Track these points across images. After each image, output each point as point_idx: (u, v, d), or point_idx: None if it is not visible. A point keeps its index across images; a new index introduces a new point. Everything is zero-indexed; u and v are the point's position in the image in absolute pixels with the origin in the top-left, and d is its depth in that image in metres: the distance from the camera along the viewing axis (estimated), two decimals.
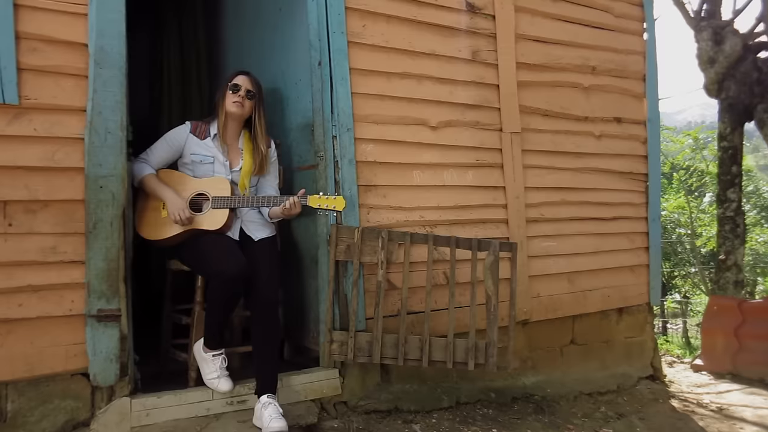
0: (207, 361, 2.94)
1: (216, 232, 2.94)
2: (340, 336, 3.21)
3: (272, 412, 2.73)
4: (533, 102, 4.05)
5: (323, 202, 2.97)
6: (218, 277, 2.81)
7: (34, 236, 2.61)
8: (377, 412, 3.34)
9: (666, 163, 15.24)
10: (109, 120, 2.72)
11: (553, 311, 4.07)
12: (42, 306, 2.61)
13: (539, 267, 4.01)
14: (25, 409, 2.61)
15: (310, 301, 3.43)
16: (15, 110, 2.58)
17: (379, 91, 3.46)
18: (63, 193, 2.66)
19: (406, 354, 3.26)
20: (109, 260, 2.70)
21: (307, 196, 2.98)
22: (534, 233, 4.00)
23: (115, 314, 2.71)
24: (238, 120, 3.11)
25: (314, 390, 3.20)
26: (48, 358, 2.62)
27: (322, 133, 3.29)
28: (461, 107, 3.75)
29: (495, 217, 3.84)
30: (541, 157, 4.08)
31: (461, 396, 3.64)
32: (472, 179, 3.78)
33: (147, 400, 2.81)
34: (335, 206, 2.97)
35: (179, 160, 3.09)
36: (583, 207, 4.25)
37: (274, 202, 2.99)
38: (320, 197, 2.98)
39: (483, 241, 3.40)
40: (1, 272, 2.54)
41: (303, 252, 3.49)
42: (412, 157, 3.56)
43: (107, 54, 2.73)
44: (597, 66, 4.37)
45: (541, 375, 4.06)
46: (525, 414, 3.67)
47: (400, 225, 3.47)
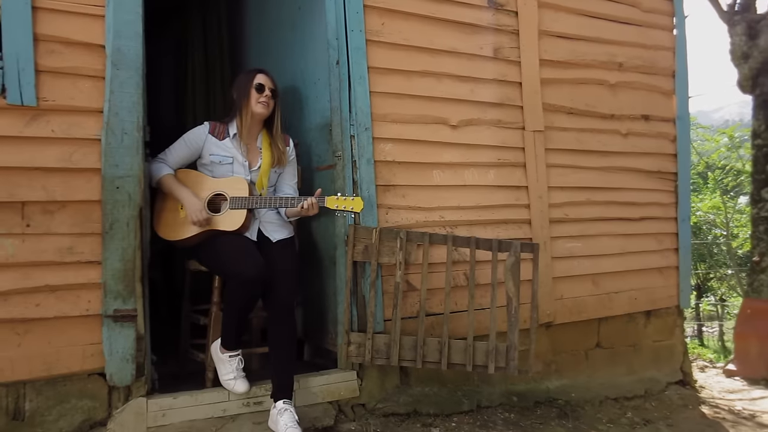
0: (224, 361, 2.93)
1: (234, 233, 2.93)
2: (357, 338, 3.18)
3: (288, 420, 2.70)
4: (557, 100, 3.97)
5: (341, 203, 2.93)
6: (236, 278, 2.79)
7: (52, 237, 2.62)
8: (396, 415, 3.30)
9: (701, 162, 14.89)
10: (125, 121, 2.72)
11: (577, 314, 3.98)
12: (59, 306, 2.63)
13: (563, 268, 3.93)
14: (42, 408, 2.63)
15: (329, 302, 3.40)
16: (33, 112, 2.60)
17: (397, 89, 3.42)
18: (80, 194, 2.67)
19: (424, 356, 3.21)
20: (125, 261, 2.71)
21: (324, 197, 2.95)
22: (558, 234, 3.91)
23: (131, 314, 2.71)
24: (261, 119, 3.09)
25: (331, 392, 3.17)
26: (65, 357, 2.64)
27: (340, 132, 3.26)
28: (482, 105, 3.68)
29: (517, 218, 3.77)
30: (566, 155, 3.99)
31: (482, 399, 3.58)
32: (494, 179, 3.71)
33: (163, 400, 2.81)
34: (353, 207, 2.93)
35: (198, 160, 3.08)
36: (609, 207, 4.15)
37: (291, 203, 2.96)
38: (338, 198, 2.94)
39: (504, 242, 3.33)
40: (18, 272, 2.56)
41: (322, 252, 3.46)
42: (431, 156, 3.51)
43: (124, 55, 2.74)
44: (624, 62, 4.26)
45: (566, 379, 3.97)
46: (548, 419, 3.60)
47: (420, 225, 3.42)
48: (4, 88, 2.54)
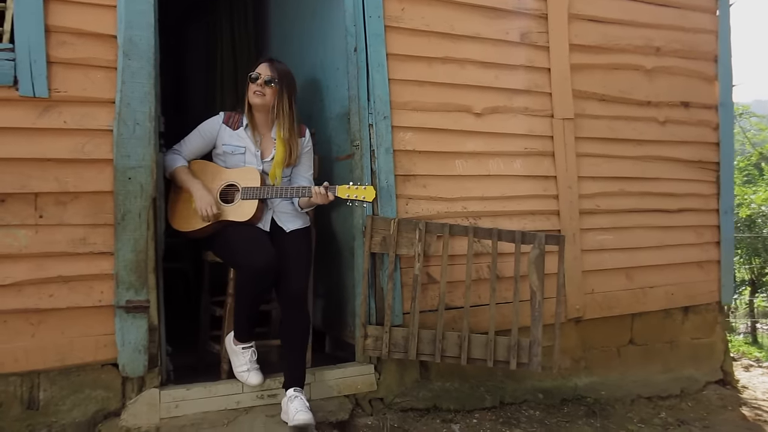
0: (237, 353, 2.91)
1: (245, 224, 2.89)
2: (374, 331, 3.11)
3: (298, 405, 2.66)
4: (588, 86, 3.81)
5: (352, 192, 2.87)
6: (245, 268, 2.76)
7: (65, 228, 2.63)
8: (414, 410, 3.23)
9: (755, 153, 14.28)
10: (137, 111, 2.71)
11: (608, 309, 3.83)
12: (72, 297, 2.64)
13: (594, 261, 3.78)
14: (57, 398, 2.65)
15: (348, 294, 3.35)
16: (45, 103, 2.61)
17: (418, 77, 3.32)
18: (92, 185, 2.67)
19: (443, 351, 3.12)
20: (137, 251, 2.70)
21: (335, 186, 2.89)
22: (588, 226, 3.76)
23: (144, 305, 2.70)
24: (263, 109, 3.01)
25: (348, 385, 3.12)
26: (78, 348, 2.65)
27: (358, 121, 3.19)
28: (508, 92, 3.56)
29: (545, 209, 3.64)
30: (597, 144, 3.83)
31: (506, 396, 3.48)
32: (520, 168, 3.59)
33: (176, 391, 2.80)
34: (365, 197, 2.86)
35: (213, 150, 3.05)
36: (644, 198, 3.97)
37: (302, 193, 2.91)
38: (349, 187, 2.88)
39: (527, 234, 3.21)
40: (32, 263, 2.58)
41: (341, 243, 3.41)
42: (454, 145, 3.41)
43: (136, 45, 2.72)
44: (661, 47, 4.06)
45: (596, 376, 3.82)
46: (575, 417, 3.47)
47: (441, 216, 3.33)
48: (16, 80, 2.55)
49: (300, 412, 2.62)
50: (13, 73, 2.55)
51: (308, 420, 2.60)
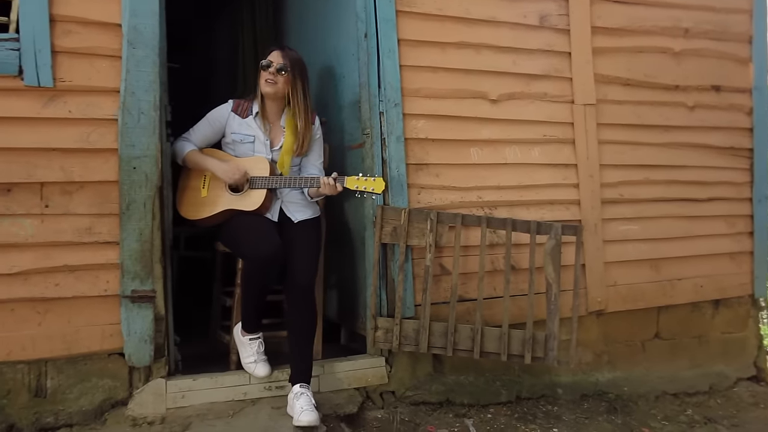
0: (244, 344, 2.88)
1: (253, 213, 2.86)
2: (385, 323, 3.05)
3: (304, 403, 2.61)
4: (612, 70, 3.66)
5: (361, 183, 2.81)
6: (250, 258, 2.73)
7: (70, 217, 2.63)
8: (427, 404, 3.17)
9: None
10: (142, 100, 2.69)
11: (632, 301, 3.69)
12: (78, 286, 2.64)
13: (617, 252, 3.64)
14: (64, 386, 2.66)
15: (360, 285, 3.29)
16: (50, 93, 2.60)
17: (431, 62, 3.23)
18: (98, 175, 2.66)
19: (455, 344, 3.05)
20: (142, 241, 2.69)
21: (344, 177, 2.83)
22: (611, 215, 3.63)
23: (149, 295, 2.69)
24: (275, 98, 2.96)
25: (358, 378, 3.07)
26: (85, 337, 2.65)
27: (368, 109, 3.12)
28: (526, 78, 3.44)
29: (565, 198, 3.52)
30: (621, 131, 3.68)
31: (522, 390, 3.39)
32: (539, 156, 3.47)
33: (182, 381, 2.79)
34: (374, 188, 2.80)
35: (222, 139, 3.03)
36: (670, 186, 3.81)
37: (311, 183, 2.86)
38: (358, 179, 2.82)
39: (543, 224, 3.11)
40: (38, 252, 2.59)
41: (354, 234, 3.35)
42: (469, 133, 3.31)
43: (141, 33, 2.70)
44: (690, 28, 3.88)
45: (619, 371, 3.70)
46: (595, 413, 3.37)
47: (455, 206, 3.24)
48: (21, 69, 2.55)
49: (305, 412, 2.57)
50: (18, 63, 2.55)
51: (313, 421, 2.55)
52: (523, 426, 3.11)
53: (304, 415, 2.55)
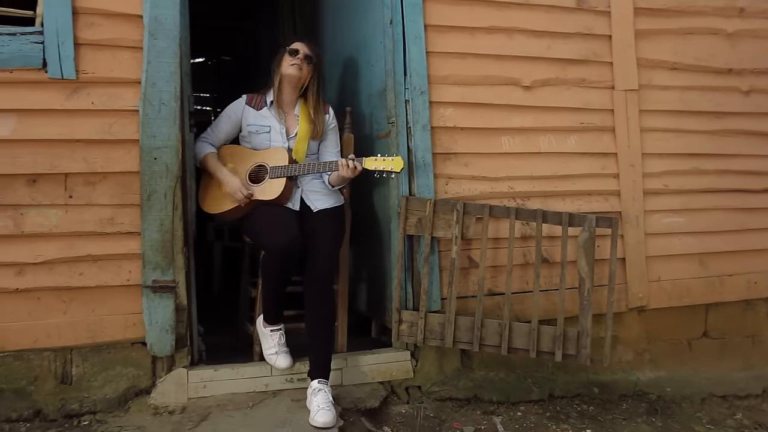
0: (266, 336, 2.87)
1: (274, 203, 2.84)
2: (410, 316, 2.98)
3: (321, 401, 2.57)
4: (656, 54, 3.47)
5: (379, 163, 2.76)
6: (269, 248, 2.71)
7: (93, 207, 2.67)
8: (453, 400, 3.09)
9: None
10: (162, 91, 2.69)
11: (677, 298, 3.49)
12: (101, 275, 2.68)
13: (660, 246, 3.45)
14: (89, 374, 2.71)
15: (388, 277, 3.22)
16: (73, 85, 2.64)
17: (459, 48, 3.13)
18: (120, 165, 2.69)
19: (482, 339, 2.95)
20: (163, 232, 2.70)
21: (362, 158, 2.79)
22: (654, 207, 3.44)
23: (170, 285, 2.71)
24: (295, 84, 2.97)
25: (382, 372, 3.01)
26: (108, 326, 2.69)
27: (394, 97, 3.05)
28: (561, 63, 3.30)
29: (603, 189, 3.36)
30: (666, 118, 3.48)
31: (555, 389, 3.26)
32: (575, 145, 3.32)
33: (204, 372, 2.80)
34: (392, 167, 2.74)
35: (239, 134, 3.05)
36: (721, 177, 3.58)
37: (329, 167, 2.84)
38: (376, 159, 2.77)
39: (576, 215, 2.97)
40: (63, 242, 2.64)
41: (382, 225, 3.29)
42: (500, 121, 3.20)
43: (161, 24, 2.70)
44: (746, 7, 3.64)
45: (662, 371, 3.51)
46: (633, 414, 3.20)
47: (485, 197, 3.14)
48: (45, 62, 2.59)
49: (321, 411, 2.52)
50: (42, 56, 2.59)
51: (328, 422, 2.50)
52: (554, 425, 2.99)
53: (320, 415, 2.51)
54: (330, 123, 3.04)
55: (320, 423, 2.49)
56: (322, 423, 2.49)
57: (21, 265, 2.59)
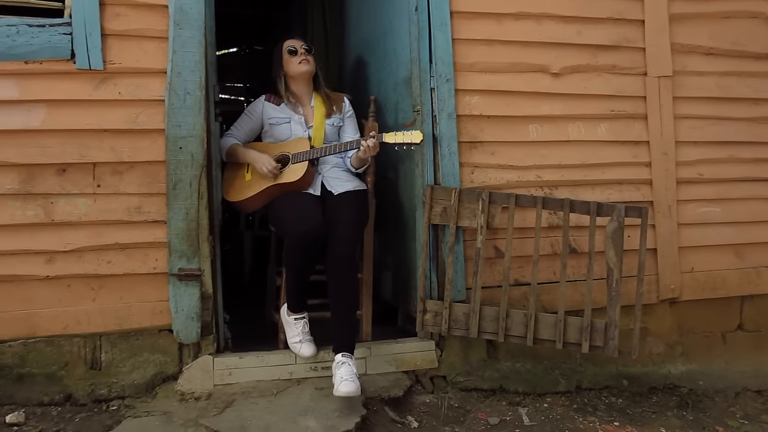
0: (290, 324, 2.89)
1: (296, 188, 2.86)
2: (434, 306, 2.96)
3: (344, 372, 2.57)
4: (692, 38, 3.36)
5: (399, 137, 2.79)
6: (291, 235, 2.73)
7: (121, 196, 2.71)
8: (479, 390, 3.06)
9: None
10: (188, 81, 2.72)
11: (712, 290, 3.41)
12: (129, 263, 2.72)
13: (694, 237, 3.36)
14: (117, 360, 2.76)
15: (413, 266, 3.21)
16: (101, 75, 2.68)
17: (486, 35, 3.08)
18: (146, 155, 2.72)
19: (508, 330, 2.92)
20: (188, 220, 2.73)
21: (382, 134, 2.82)
22: (687, 197, 3.35)
23: (195, 274, 2.74)
24: (308, 78, 3.08)
25: (406, 361, 3.01)
26: (136, 313, 2.74)
27: (419, 85, 3.02)
28: (592, 49, 3.22)
29: (634, 178, 3.28)
30: (701, 105, 3.38)
31: (583, 380, 3.21)
32: (605, 133, 3.25)
33: (229, 359, 2.83)
34: (412, 139, 2.76)
35: (262, 131, 3.12)
36: (760, 165, 3.47)
37: (351, 146, 2.88)
38: (396, 133, 2.81)
39: (604, 205, 2.91)
40: (91, 230, 2.69)
41: (407, 214, 3.27)
42: (527, 109, 3.15)
43: (186, 14, 2.72)
44: None
45: (694, 364, 3.43)
46: (663, 408, 3.14)
47: (511, 186, 3.10)
48: (73, 53, 2.64)
49: (344, 382, 2.53)
50: (70, 47, 2.64)
51: (351, 391, 2.51)
52: (581, 417, 2.95)
53: (343, 385, 2.52)
54: (347, 111, 3.13)
55: (343, 392, 2.50)
56: (345, 392, 2.50)
57: (51, 253, 2.65)
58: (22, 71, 2.60)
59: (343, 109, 3.09)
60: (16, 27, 2.59)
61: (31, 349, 2.67)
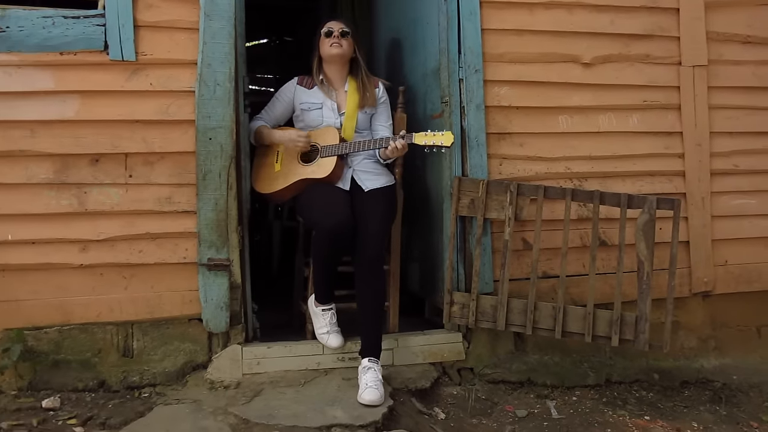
0: (317, 315, 2.90)
1: (325, 183, 2.86)
2: (461, 298, 2.96)
3: (369, 379, 2.59)
4: (728, 27, 3.29)
5: (429, 138, 2.73)
6: (319, 229, 2.74)
7: (152, 187, 2.75)
8: (506, 383, 3.05)
9: None
10: (217, 72, 2.74)
11: (747, 283, 3.35)
12: (159, 253, 2.76)
13: (728, 229, 3.31)
14: (148, 348, 2.81)
15: (440, 258, 3.20)
16: (133, 66, 2.71)
17: (516, 25, 3.05)
18: (177, 146, 2.75)
19: (536, 322, 2.90)
20: (218, 211, 2.75)
21: (412, 134, 2.77)
22: (721, 188, 3.29)
23: (224, 264, 2.77)
24: (340, 61, 3.01)
25: (433, 353, 3.01)
26: (166, 302, 2.78)
27: (447, 76, 3.01)
28: (624, 38, 3.17)
29: (667, 169, 3.23)
30: (737, 94, 3.32)
31: (613, 374, 3.17)
32: (637, 124, 3.20)
33: (257, 349, 2.86)
34: (443, 142, 2.71)
35: (293, 115, 3.09)
36: None
37: (379, 144, 2.84)
38: (426, 134, 2.75)
39: (635, 197, 2.87)
40: (123, 220, 2.73)
41: (434, 205, 3.26)
42: (557, 99, 3.11)
43: (217, 5, 2.74)
44: None
45: (728, 358, 3.38)
46: (696, 402, 3.09)
47: (540, 178, 3.07)
48: (106, 44, 2.67)
49: (368, 390, 2.54)
50: (104, 38, 2.67)
51: (375, 400, 2.52)
52: (610, 411, 2.92)
53: (367, 393, 2.54)
54: (380, 97, 3.06)
55: (366, 401, 2.52)
56: (369, 401, 2.51)
57: (85, 241, 2.70)
58: (57, 62, 2.65)
59: (377, 95, 3.04)
60: (52, 18, 2.64)
61: (66, 335, 2.73)
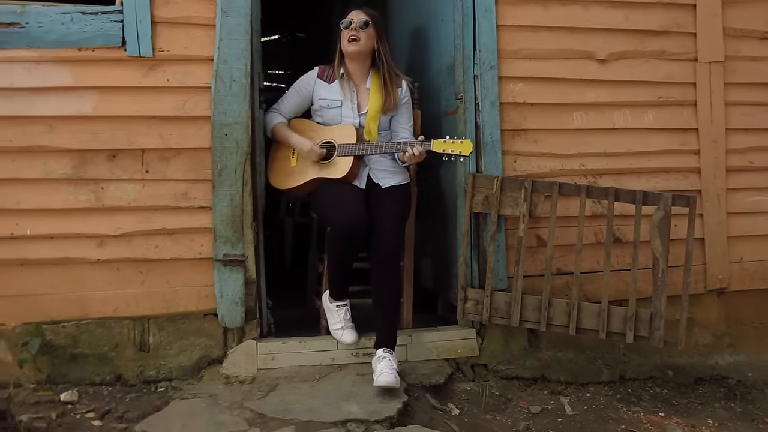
0: (332, 311, 2.91)
1: (341, 181, 2.86)
2: (475, 294, 2.96)
3: (384, 366, 2.60)
4: (745, 22, 3.28)
5: (448, 146, 2.71)
6: (334, 226, 2.74)
7: (168, 182, 2.77)
8: (520, 379, 3.05)
9: None
10: (233, 68, 2.75)
11: (762, 280, 3.34)
12: (175, 249, 2.78)
13: (744, 226, 3.30)
14: (164, 342, 2.83)
15: (453, 254, 3.21)
16: (150, 62, 2.73)
17: (532, 21, 3.05)
18: (193, 141, 2.77)
19: (549, 319, 2.90)
20: (233, 207, 2.77)
21: (431, 141, 2.75)
22: (737, 185, 3.28)
23: (239, 259, 2.78)
24: (359, 57, 2.92)
25: (447, 349, 3.01)
26: (182, 297, 2.80)
27: (462, 72, 3.01)
28: (640, 35, 3.16)
29: (682, 166, 3.23)
30: (754, 91, 3.30)
31: (627, 371, 3.17)
32: (653, 121, 3.19)
33: (272, 344, 2.87)
34: (461, 151, 2.69)
35: (311, 107, 3.04)
36: None
37: (398, 148, 2.81)
38: (445, 141, 2.72)
39: (650, 194, 2.86)
40: (140, 215, 2.75)
41: (448, 202, 3.27)
42: (572, 96, 3.11)
43: (234, 1, 2.75)
44: None
45: (742, 355, 3.36)
46: (710, 399, 3.09)
47: (554, 174, 3.07)
48: (124, 40, 2.69)
49: (384, 374, 2.56)
50: (122, 34, 2.69)
51: (391, 383, 2.54)
52: (624, 407, 2.92)
53: (383, 377, 2.55)
54: (403, 97, 2.97)
55: (383, 383, 2.54)
56: (385, 383, 2.53)
57: (102, 237, 2.72)
58: (76, 58, 2.67)
59: (399, 95, 2.95)
60: (71, 14, 2.66)
61: (83, 330, 2.75)
